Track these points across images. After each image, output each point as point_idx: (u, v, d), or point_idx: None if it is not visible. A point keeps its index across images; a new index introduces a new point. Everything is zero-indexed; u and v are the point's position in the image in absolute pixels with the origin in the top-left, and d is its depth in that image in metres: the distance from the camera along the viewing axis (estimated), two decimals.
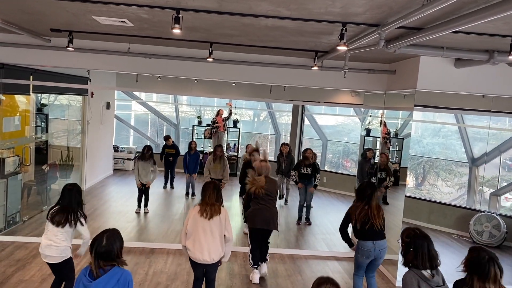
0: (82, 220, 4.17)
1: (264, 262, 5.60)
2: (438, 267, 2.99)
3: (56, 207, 4.15)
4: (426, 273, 2.92)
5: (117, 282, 2.80)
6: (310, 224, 8.15)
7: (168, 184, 9.97)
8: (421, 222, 8.03)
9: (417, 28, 3.85)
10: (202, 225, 4.17)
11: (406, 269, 3.03)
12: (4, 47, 5.99)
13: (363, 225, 4.56)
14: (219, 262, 4.31)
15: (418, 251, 2.94)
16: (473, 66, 5.28)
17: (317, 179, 7.97)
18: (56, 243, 4.05)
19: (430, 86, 5.50)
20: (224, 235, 4.23)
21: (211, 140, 11.21)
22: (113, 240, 2.89)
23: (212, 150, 8.35)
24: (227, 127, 11.77)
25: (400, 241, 3.15)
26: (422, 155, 11.47)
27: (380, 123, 6.91)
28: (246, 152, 8.98)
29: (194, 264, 4.29)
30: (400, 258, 3.16)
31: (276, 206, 5.51)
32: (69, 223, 4.08)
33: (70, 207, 4.11)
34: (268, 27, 4.25)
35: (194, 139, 10.75)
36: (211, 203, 4.23)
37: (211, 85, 8.48)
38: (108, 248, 2.81)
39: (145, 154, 8.04)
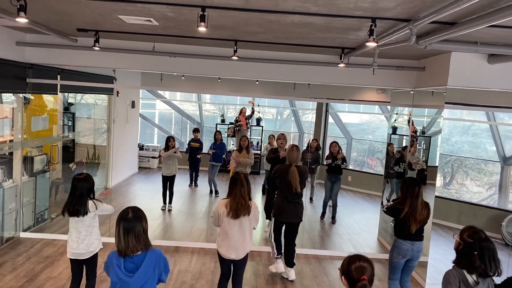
0: (98, 202, 4.05)
1: (292, 267, 5.45)
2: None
3: (70, 199, 3.99)
4: (471, 278, 2.74)
5: (154, 268, 2.71)
6: (334, 223, 8.04)
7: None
8: (451, 222, 7.82)
9: (450, 23, 3.70)
10: (229, 223, 4.07)
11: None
12: (33, 47, 6.10)
13: (405, 223, 4.36)
14: (247, 257, 4.25)
15: (486, 256, 2.70)
16: (508, 62, 5.07)
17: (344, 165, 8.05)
18: (87, 237, 4.03)
19: (462, 83, 5.31)
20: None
21: (234, 138, 11.19)
22: (139, 216, 2.75)
23: (235, 148, 8.31)
24: (250, 125, 11.73)
25: (456, 237, 2.89)
26: (451, 153, 11.19)
27: (408, 121, 6.73)
28: (268, 144, 8.89)
29: (222, 259, 4.23)
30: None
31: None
32: (87, 211, 3.97)
33: (83, 195, 3.97)
34: (295, 23, 4.17)
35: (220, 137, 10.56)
36: (239, 201, 4.00)
37: (234, 84, 8.46)
38: (135, 223, 2.69)
39: (169, 145, 8.07)
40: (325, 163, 8.12)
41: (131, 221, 2.70)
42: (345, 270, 2.33)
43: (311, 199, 9.25)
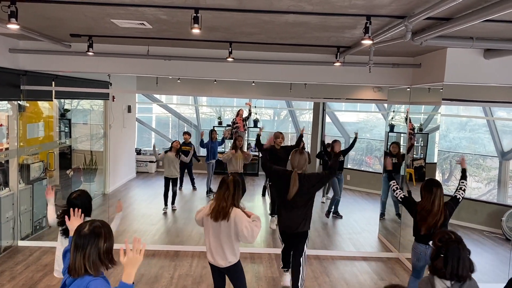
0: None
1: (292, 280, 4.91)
2: (468, 280, 2.63)
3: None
4: (441, 285, 2.61)
5: None
6: (341, 217, 8.17)
7: (188, 185, 9.92)
8: (451, 219, 7.78)
9: (446, 19, 3.68)
10: (209, 225, 3.77)
11: None
12: (26, 54, 6.06)
13: (422, 225, 4.12)
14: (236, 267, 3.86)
15: (449, 258, 2.60)
16: (504, 57, 5.06)
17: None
18: None
19: (458, 79, 5.30)
20: (238, 234, 3.66)
21: (232, 140, 11.16)
22: (97, 233, 2.27)
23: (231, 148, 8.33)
24: (247, 127, 11.70)
25: (431, 243, 2.83)
26: (449, 150, 11.17)
27: (406, 119, 6.72)
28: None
29: (210, 266, 3.95)
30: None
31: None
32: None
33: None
34: (289, 23, 4.14)
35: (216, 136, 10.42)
36: (220, 202, 3.66)
37: (230, 85, 8.44)
38: (89, 240, 2.24)
39: (173, 146, 8.10)
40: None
41: (84, 237, 2.26)
42: None
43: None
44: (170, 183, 8.19)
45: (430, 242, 3.49)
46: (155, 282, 5.24)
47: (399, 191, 4.42)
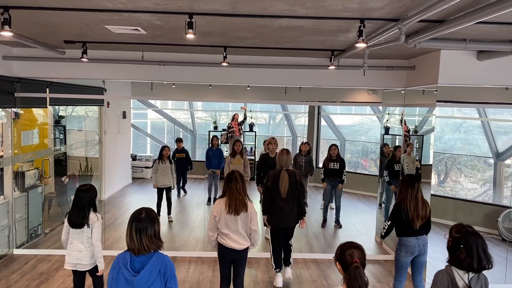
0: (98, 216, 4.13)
1: (288, 266, 5.42)
2: (482, 272, 2.73)
3: (74, 211, 4.10)
4: (461, 282, 2.68)
5: (159, 271, 2.65)
6: (340, 226, 7.93)
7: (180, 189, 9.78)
8: (447, 220, 7.80)
9: (439, 21, 3.70)
10: (229, 220, 4.11)
11: (437, 269, 2.81)
12: (20, 61, 6.04)
13: (409, 220, 4.37)
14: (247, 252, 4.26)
15: (472, 249, 2.70)
16: (496, 58, 5.10)
17: (344, 174, 7.92)
18: (85, 249, 4.06)
19: (452, 81, 5.33)
20: (250, 228, 4.18)
21: (228, 145, 11.15)
22: (152, 217, 2.74)
23: (228, 154, 8.24)
24: (243, 131, 11.70)
25: (447, 236, 2.92)
26: (444, 151, 11.22)
27: (401, 121, 6.74)
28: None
29: (223, 253, 4.21)
30: (442, 256, 2.95)
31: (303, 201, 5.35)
32: (86, 224, 4.05)
33: (85, 207, 4.07)
34: (283, 27, 4.15)
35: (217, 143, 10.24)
36: (236, 196, 4.07)
37: (225, 90, 8.43)
38: (148, 223, 2.68)
39: (163, 154, 7.93)
40: (320, 165, 8.11)
41: (144, 221, 2.68)
42: (339, 256, 2.45)
43: (305, 203, 9.20)
44: (164, 192, 8.01)
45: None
46: None
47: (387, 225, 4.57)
